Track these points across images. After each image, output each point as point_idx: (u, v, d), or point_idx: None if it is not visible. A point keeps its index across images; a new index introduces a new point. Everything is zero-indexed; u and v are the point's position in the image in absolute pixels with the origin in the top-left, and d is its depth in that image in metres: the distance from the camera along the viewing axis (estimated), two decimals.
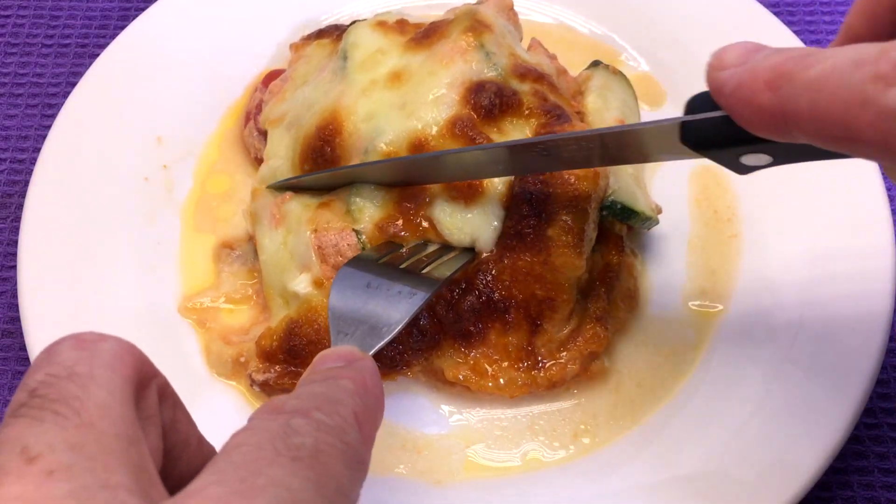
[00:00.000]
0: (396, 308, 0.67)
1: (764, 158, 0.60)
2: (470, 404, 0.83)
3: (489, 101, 0.82)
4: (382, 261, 0.76)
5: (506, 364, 0.80)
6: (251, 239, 0.88)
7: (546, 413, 0.82)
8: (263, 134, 0.92)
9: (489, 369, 0.80)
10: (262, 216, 0.86)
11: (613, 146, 0.70)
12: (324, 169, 0.84)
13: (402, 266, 0.75)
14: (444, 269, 0.77)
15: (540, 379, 0.80)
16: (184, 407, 0.48)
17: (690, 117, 0.60)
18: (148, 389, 0.44)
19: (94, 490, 0.36)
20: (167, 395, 0.47)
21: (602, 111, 0.90)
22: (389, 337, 0.64)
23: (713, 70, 0.55)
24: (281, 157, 0.88)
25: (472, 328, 0.80)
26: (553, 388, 0.81)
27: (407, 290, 0.70)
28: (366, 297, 0.68)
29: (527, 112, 0.84)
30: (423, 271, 0.75)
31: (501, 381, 0.80)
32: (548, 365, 0.80)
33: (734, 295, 0.87)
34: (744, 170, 0.62)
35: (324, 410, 0.44)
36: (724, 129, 0.57)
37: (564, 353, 0.81)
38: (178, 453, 0.47)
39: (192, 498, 0.36)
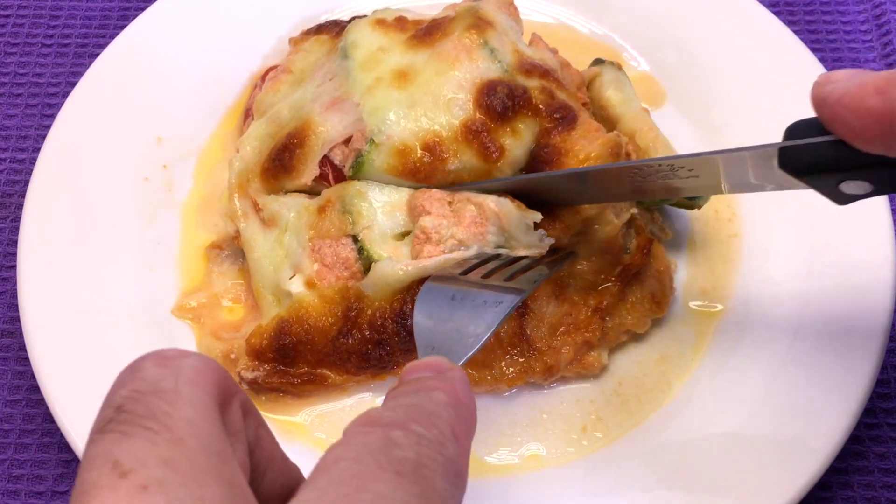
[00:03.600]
0: (482, 317, 0.66)
1: (864, 186, 0.59)
2: None
3: (502, 104, 0.83)
4: (464, 274, 0.74)
5: (499, 352, 0.81)
6: (236, 238, 0.88)
7: (546, 413, 0.82)
8: None
9: (483, 359, 0.80)
10: (248, 213, 0.87)
11: (704, 172, 0.67)
12: (282, 172, 0.86)
13: (484, 276, 0.74)
14: (531, 276, 0.75)
15: (535, 364, 0.80)
16: (266, 424, 0.47)
17: (791, 143, 0.60)
18: (231, 405, 0.43)
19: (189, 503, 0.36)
20: (250, 412, 0.45)
21: (628, 102, 0.92)
22: (478, 345, 0.62)
23: (819, 86, 0.54)
24: (253, 148, 0.89)
25: None
26: (548, 375, 0.81)
27: (492, 299, 0.69)
28: (451, 310, 0.67)
29: (535, 108, 0.84)
30: (508, 281, 0.73)
31: (498, 371, 0.80)
32: (542, 350, 0.81)
33: (734, 295, 0.87)
34: (843, 199, 0.61)
35: (421, 423, 0.43)
36: (826, 153, 0.57)
37: (559, 339, 0.81)
38: (262, 470, 0.45)
39: None
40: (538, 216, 0.80)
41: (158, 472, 0.36)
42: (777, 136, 0.63)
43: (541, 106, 0.84)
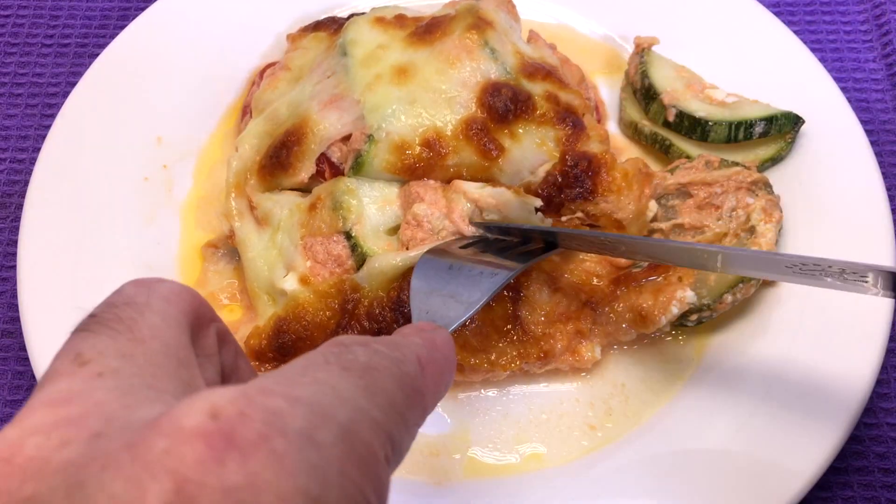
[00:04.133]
0: (478, 286, 0.68)
1: None
2: (471, 406, 0.82)
3: (504, 106, 0.83)
4: (464, 248, 0.77)
5: (495, 336, 0.81)
6: (231, 237, 0.88)
7: (546, 412, 0.82)
8: None
9: (478, 344, 0.80)
10: (244, 213, 0.87)
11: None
12: (279, 169, 0.86)
13: (484, 251, 0.76)
14: (527, 256, 0.77)
15: (531, 349, 0.80)
16: (247, 358, 0.48)
17: None
18: (206, 330, 0.45)
19: (140, 388, 0.37)
20: (227, 341, 0.47)
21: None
22: (473, 311, 0.64)
23: None
24: (251, 146, 0.89)
25: None
26: (544, 360, 0.81)
27: (489, 272, 0.70)
28: (448, 278, 0.69)
29: (540, 117, 0.84)
30: (506, 257, 0.75)
31: (493, 356, 0.80)
32: (537, 335, 0.81)
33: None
34: None
35: (384, 345, 0.43)
36: None
37: (552, 326, 0.81)
38: None
39: (236, 388, 0.35)
40: (538, 202, 0.81)
41: (115, 362, 0.38)
42: None
43: (549, 114, 0.84)
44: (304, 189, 0.87)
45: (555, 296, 0.82)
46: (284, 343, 0.79)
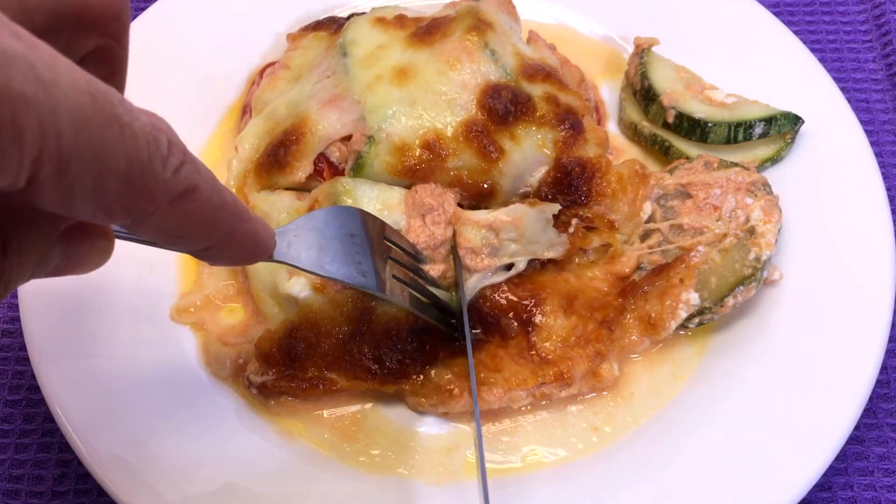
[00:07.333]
0: (344, 264, 0.69)
1: None
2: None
3: (504, 108, 0.84)
4: (384, 237, 0.76)
5: (507, 360, 0.81)
6: None
7: (545, 415, 0.82)
8: None
9: (493, 366, 0.80)
10: None
11: None
12: (276, 168, 0.86)
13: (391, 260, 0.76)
14: (414, 299, 0.77)
15: (547, 370, 0.80)
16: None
17: None
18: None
19: None
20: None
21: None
22: (312, 271, 0.66)
23: None
24: (251, 146, 0.89)
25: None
26: (562, 381, 0.80)
27: (369, 269, 0.72)
28: (342, 236, 0.70)
29: (540, 119, 0.85)
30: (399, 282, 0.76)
31: (507, 373, 0.80)
32: (553, 360, 0.80)
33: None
34: None
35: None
36: None
37: (572, 351, 0.81)
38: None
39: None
40: (556, 207, 0.81)
41: None
42: None
43: (549, 115, 0.85)
44: (302, 188, 0.87)
45: (570, 319, 0.82)
46: (294, 349, 0.79)
